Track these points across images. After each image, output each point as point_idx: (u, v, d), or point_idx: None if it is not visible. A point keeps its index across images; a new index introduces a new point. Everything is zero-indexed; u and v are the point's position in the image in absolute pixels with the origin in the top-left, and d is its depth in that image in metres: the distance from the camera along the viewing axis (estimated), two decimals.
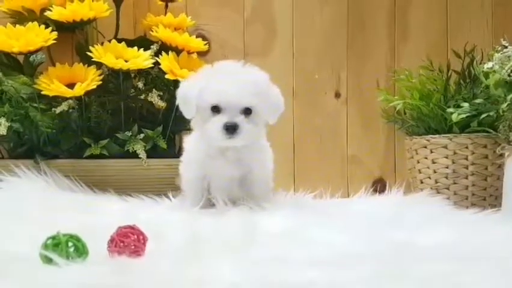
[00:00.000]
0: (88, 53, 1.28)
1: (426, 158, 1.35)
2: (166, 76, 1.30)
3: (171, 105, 1.37)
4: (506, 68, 1.10)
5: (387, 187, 1.45)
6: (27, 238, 0.70)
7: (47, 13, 1.31)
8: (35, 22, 1.31)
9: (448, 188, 1.32)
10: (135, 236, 0.72)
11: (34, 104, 1.32)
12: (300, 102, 1.61)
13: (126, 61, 1.28)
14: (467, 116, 1.25)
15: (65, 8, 1.32)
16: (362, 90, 1.62)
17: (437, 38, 1.62)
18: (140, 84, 1.34)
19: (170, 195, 1.23)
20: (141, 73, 1.36)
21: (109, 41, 1.32)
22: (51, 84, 1.26)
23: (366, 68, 1.63)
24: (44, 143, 1.33)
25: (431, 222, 0.88)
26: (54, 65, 1.34)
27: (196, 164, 1.12)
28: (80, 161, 1.31)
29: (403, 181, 1.37)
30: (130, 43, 1.34)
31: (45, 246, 0.63)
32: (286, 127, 1.60)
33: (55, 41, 1.30)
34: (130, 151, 1.30)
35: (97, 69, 1.31)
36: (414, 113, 1.38)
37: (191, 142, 1.14)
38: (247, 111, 1.04)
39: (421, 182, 1.37)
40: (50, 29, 1.31)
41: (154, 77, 1.38)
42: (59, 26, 1.35)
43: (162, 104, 1.34)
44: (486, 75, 1.19)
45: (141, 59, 1.29)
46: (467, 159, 1.30)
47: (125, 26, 1.48)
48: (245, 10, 1.61)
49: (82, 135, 1.32)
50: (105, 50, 1.28)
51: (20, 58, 1.39)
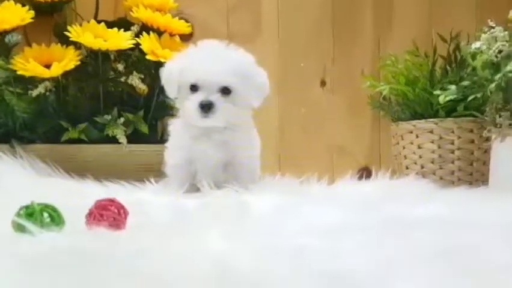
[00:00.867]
0: (66, 33, 1.23)
1: (412, 144, 1.34)
2: (147, 57, 1.26)
3: (153, 89, 1.34)
4: (493, 48, 1.09)
5: (372, 174, 1.43)
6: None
7: None
8: (11, 1, 1.26)
9: (434, 173, 1.31)
10: (115, 209, 0.69)
11: (10, 88, 1.27)
12: (285, 90, 1.59)
13: (105, 41, 1.24)
14: (453, 100, 1.25)
15: None
16: (348, 78, 1.61)
17: (422, 26, 1.62)
18: (120, 66, 1.30)
19: (152, 180, 1.19)
20: (121, 55, 1.32)
21: (88, 22, 1.28)
22: (27, 64, 1.22)
23: (351, 57, 1.61)
24: (20, 128, 1.28)
25: (420, 199, 0.87)
26: (31, 46, 1.29)
27: (181, 148, 1.09)
28: (57, 146, 1.26)
29: (388, 168, 1.36)
30: (110, 24, 1.30)
31: (18, 215, 0.59)
32: (271, 115, 1.58)
33: (32, 20, 1.25)
34: (110, 136, 1.26)
35: (76, 50, 1.26)
36: (399, 99, 1.37)
37: (176, 125, 1.11)
38: (225, 90, 1.02)
39: (407, 168, 1.35)
40: (28, 8, 1.26)
41: (135, 60, 1.34)
42: (37, 9, 1.31)
43: (143, 87, 1.30)
44: (473, 56, 1.18)
45: (121, 39, 1.25)
46: (453, 143, 1.29)
47: (105, 8, 1.44)
48: None
49: (59, 119, 1.27)
50: (84, 30, 1.24)
51: None
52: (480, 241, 0.56)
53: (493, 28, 1.14)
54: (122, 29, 1.28)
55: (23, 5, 1.28)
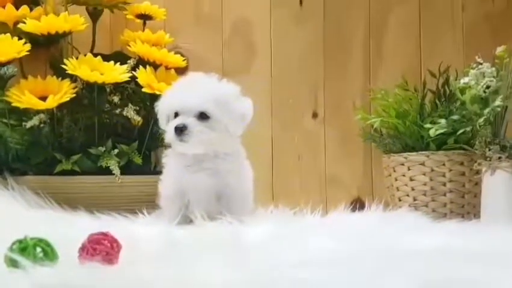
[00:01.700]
0: (62, 66, 1.25)
1: (404, 176, 1.35)
2: (144, 90, 1.28)
3: (147, 121, 1.35)
4: (481, 84, 1.12)
5: (365, 206, 1.44)
6: None
7: (21, 25, 1.28)
8: (8, 34, 1.28)
9: (427, 206, 1.32)
10: (108, 243, 0.68)
11: (4, 120, 1.27)
12: (278, 121, 1.61)
13: (102, 74, 1.26)
14: (443, 133, 1.27)
15: (39, 21, 1.29)
16: (339, 110, 1.63)
17: (411, 60, 1.66)
18: (115, 98, 1.31)
19: (145, 212, 1.18)
20: (117, 88, 1.33)
21: (85, 55, 1.30)
22: (22, 96, 1.22)
23: (342, 89, 1.64)
24: (13, 159, 1.28)
25: (413, 231, 0.87)
26: (26, 79, 1.31)
27: (173, 178, 1.11)
28: (50, 178, 1.26)
29: (381, 200, 1.36)
30: (106, 58, 1.32)
31: (11, 250, 0.59)
32: (264, 146, 1.59)
33: (28, 53, 1.27)
34: (103, 167, 1.26)
35: (71, 83, 1.28)
36: (391, 131, 1.39)
37: (169, 156, 1.13)
38: (203, 115, 1.05)
39: (399, 200, 1.36)
40: (24, 41, 1.28)
41: (130, 93, 1.36)
42: (34, 41, 1.32)
43: (138, 119, 1.31)
44: (462, 91, 1.21)
45: (117, 73, 1.26)
46: (444, 176, 1.30)
47: (101, 42, 1.47)
48: (224, 31, 1.61)
49: (53, 150, 1.27)
50: (80, 63, 1.26)
51: None
52: (475, 274, 0.56)
53: (481, 64, 1.17)
54: (118, 63, 1.30)
55: (20, 38, 1.29)
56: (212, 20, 1.61)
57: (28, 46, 1.28)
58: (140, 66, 1.31)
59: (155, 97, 1.29)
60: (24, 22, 1.29)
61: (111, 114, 1.33)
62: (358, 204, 1.57)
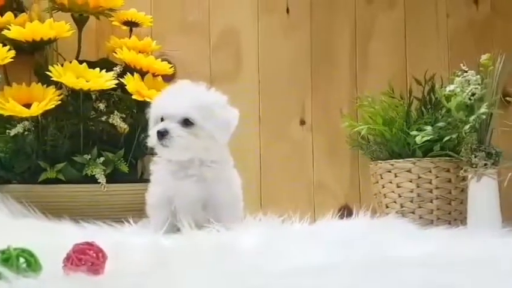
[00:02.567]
0: (47, 73, 1.23)
1: (391, 183, 1.35)
2: (133, 97, 1.27)
3: (134, 128, 1.34)
4: (467, 92, 1.13)
5: (353, 213, 1.44)
6: None
7: (5, 32, 1.27)
8: None
9: (414, 212, 1.32)
10: (93, 253, 0.67)
11: None
12: (266, 129, 1.61)
13: (87, 81, 1.24)
14: (430, 140, 1.27)
15: (24, 28, 1.27)
16: (326, 118, 1.64)
17: (397, 68, 1.67)
18: (101, 106, 1.30)
19: (131, 221, 1.17)
20: (103, 95, 1.32)
21: (70, 62, 1.29)
22: (6, 103, 1.21)
23: (329, 97, 1.65)
24: None
25: (401, 238, 0.87)
26: (10, 86, 1.29)
27: (160, 185, 1.11)
28: (34, 186, 1.24)
29: (369, 206, 1.36)
30: (92, 64, 1.31)
31: None
32: (252, 154, 1.59)
33: (12, 60, 1.25)
34: (89, 175, 1.24)
35: (56, 90, 1.26)
36: (377, 138, 1.39)
37: (156, 163, 1.13)
38: (187, 122, 1.06)
39: (387, 207, 1.37)
40: (8, 48, 1.26)
41: (116, 100, 1.35)
42: (18, 48, 1.31)
43: (124, 126, 1.30)
44: (447, 98, 1.22)
45: (103, 80, 1.25)
46: (431, 183, 1.31)
47: (87, 49, 1.45)
48: (211, 38, 1.61)
49: (37, 158, 1.25)
50: (65, 70, 1.24)
51: None
52: (462, 280, 0.56)
53: (466, 72, 1.18)
54: (104, 70, 1.29)
55: (4, 45, 1.28)
56: (199, 28, 1.61)
57: (12, 53, 1.26)
58: (127, 73, 1.30)
59: (142, 104, 1.29)
60: (8, 29, 1.27)
61: (97, 121, 1.32)
62: (346, 211, 1.57)
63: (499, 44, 1.57)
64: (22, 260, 0.59)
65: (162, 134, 1.04)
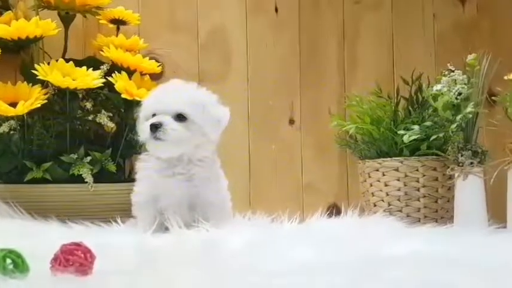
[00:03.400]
0: (33, 71, 1.22)
1: (378, 181, 1.36)
2: (123, 96, 1.26)
3: (121, 128, 1.33)
4: (453, 91, 1.14)
5: (341, 212, 1.45)
6: None
7: None
8: None
9: (401, 211, 1.33)
10: (81, 254, 0.66)
11: None
12: (255, 128, 1.61)
13: (74, 80, 1.23)
14: (417, 139, 1.28)
15: (9, 26, 1.26)
16: (315, 117, 1.64)
17: (385, 67, 1.68)
18: (88, 105, 1.29)
19: (119, 220, 1.16)
20: (89, 94, 1.31)
21: (56, 61, 1.27)
22: None
23: (318, 96, 1.65)
24: None
25: (389, 237, 0.88)
26: None
27: (146, 183, 1.10)
28: (20, 186, 1.23)
29: (357, 205, 1.37)
30: (79, 63, 1.29)
31: None
32: (241, 153, 1.59)
33: None
34: (76, 175, 1.23)
35: (43, 89, 1.25)
36: (365, 137, 1.40)
37: (142, 162, 1.13)
38: (180, 117, 1.06)
39: (374, 205, 1.37)
40: None
41: (104, 99, 1.34)
42: (3, 46, 1.29)
43: (112, 126, 1.28)
44: (434, 98, 1.23)
45: (90, 78, 1.24)
46: (418, 181, 1.32)
47: (73, 47, 1.44)
48: (199, 36, 1.61)
49: (23, 158, 1.24)
50: (51, 69, 1.23)
51: None
52: (450, 278, 0.57)
53: (453, 71, 1.19)
54: (91, 68, 1.28)
55: None
56: (187, 26, 1.60)
57: None
58: (114, 71, 1.29)
59: (129, 103, 1.28)
60: None
61: (83, 120, 1.30)
62: (334, 210, 1.58)
63: (485, 44, 1.59)
64: (9, 261, 0.58)
65: (156, 127, 1.04)
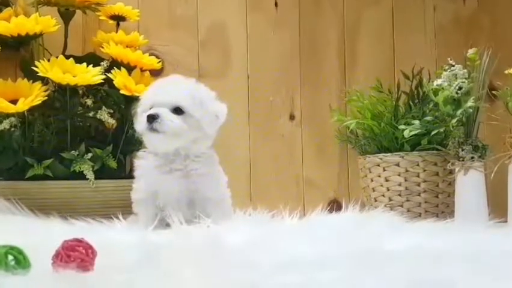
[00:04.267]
0: (34, 68, 1.22)
1: (379, 176, 1.36)
2: (121, 92, 1.26)
3: (122, 124, 1.33)
4: (454, 86, 1.14)
5: (342, 207, 1.45)
6: None
7: None
8: None
9: (402, 206, 1.33)
10: (83, 250, 0.67)
11: None
12: (255, 124, 1.61)
13: (74, 76, 1.23)
14: (417, 134, 1.28)
15: (9, 23, 1.26)
16: (315, 113, 1.64)
17: (385, 62, 1.68)
18: (88, 101, 1.29)
19: (120, 217, 1.16)
20: (90, 90, 1.30)
21: (56, 57, 1.27)
22: None
23: (318, 92, 1.65)
24: None
25: (390, 232, 0.88)
26: None
27: (144, 180, 1.10)
28: (21, 183, 1.23)
29: (358, 200, 1.37)
30: (79, 59, 1.29)
31: None
32: (241, 148, 1.59)
33: None
34: (77, 171, 1.23)
35: (43, 86, 1.24)
36: (366, 132, 1.40)
37: (141, 158, 1.13)
38: (178, 110, 1.06)
39: (375, 200, 1.38)
40: None
41: (104, 95, 1.34)
42: (3, 43, 1.29)
43: (112, 122, 1.28)
44: (435, 92, 1.23)
45: (90, 75, 1.24)
46: (418, 176, 1.32)
47: (73, 44, 1.43)
48: (199, 33, 1.60)
49: (24, 155, 1.24)
50: (52, 65, 1.23)
51: None
52: (451, 273, 0.57)
53: (453, 66, 1.19)
54: (91, 65, 1.27)
55: None
56: (187, 22, 1.60)
57: None
58: (114, 68, 1.29)
59: (130, 99, 1.28)
60: None
61: (84, 117, 1.30)
62: (335, 205, 1.58)
63: (486, 39, 1.59)
64: (11, 258, 0.58)
65: (153, 118, 1.03)
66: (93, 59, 1.32)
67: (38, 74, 1.22)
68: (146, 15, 1.52)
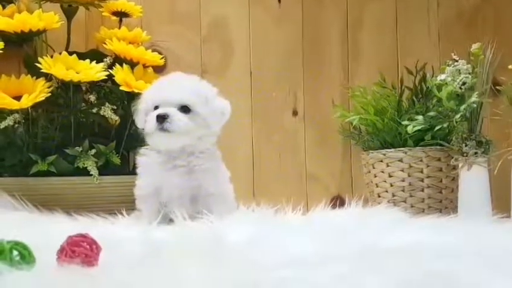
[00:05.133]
0: (37, 64, 1.22)
1: (382, 172, 1.36)
2: (121, 88, 1.26)
3: (125, 120, 1.33)
4: (457, 81, 1.14)
5: (346, 203, 1.45)
6: None
7: None
8: None
9: (405, 201, 1.33)
10: (87, 245, 0.67)
11: None
12: (258, 119, 1.61)
13: (77, 73, 1.23)
14: (421, 129, 1.28)
15: (12, 19, 1.26)
16: (318, 108, 1.64)
17: (388, 57, 1.67)
18: (92, 97, 1.29)
19: (124, 212, 1.17)
20: (93, 86, 1.31)
21: (60, 54, 1.27)
22: None
23: (321, 87, 1.65)
24: None
25: (393, 228, 0.88)
26: None
27: (147, 177, 1.11)
28: (25, 179, 1.23)
29: (361, 196, 1.37)
30: (82, 56, 1.29)
31: None
32: (245, 144, 1.59)
33: (1, 51, 1.24)
34: (80, 167, 1.23)
35: (46, 82, 1.25)
36: (369, 128, 1.40)
37: (143, 155, 1.13)
38: (185, 108, 1.06)
39: (378, 196, 1.38)
40: None
41: (107, 92, 1.34)
42: (6, 40, 1.29)
43: (116, 118, 1.29)
44: (438, 88, 1.23)
45: (93, 71, 1.24)
46: (422, 172, 1.32)
47: (76, 40, 1.44)
48: (202, 28, 1.60)
49: (28, 151, 1.24)
50: (55, 62, 1.23)
51: None
52: (454, 269, 0.57)
53: (457, 61, 1.19)
54: (94, 61, 1.28)
55: None
56: (189, 18, 1.59)
57: (1, 44, 1.24)
58: (116, 64, 1.29)
59: (133, 95, 1.28)
60: None
61: (87, 113, 1.31)
62: (338, 201, 1.58)
63: (490, 33, 1.58)
64: (16, 253, 0.58)
65: (163, 117, 1.04)
66: (96, 55, 1.33)
67: (42, 71, 1.22)
68: (148, 11, 1.52)
